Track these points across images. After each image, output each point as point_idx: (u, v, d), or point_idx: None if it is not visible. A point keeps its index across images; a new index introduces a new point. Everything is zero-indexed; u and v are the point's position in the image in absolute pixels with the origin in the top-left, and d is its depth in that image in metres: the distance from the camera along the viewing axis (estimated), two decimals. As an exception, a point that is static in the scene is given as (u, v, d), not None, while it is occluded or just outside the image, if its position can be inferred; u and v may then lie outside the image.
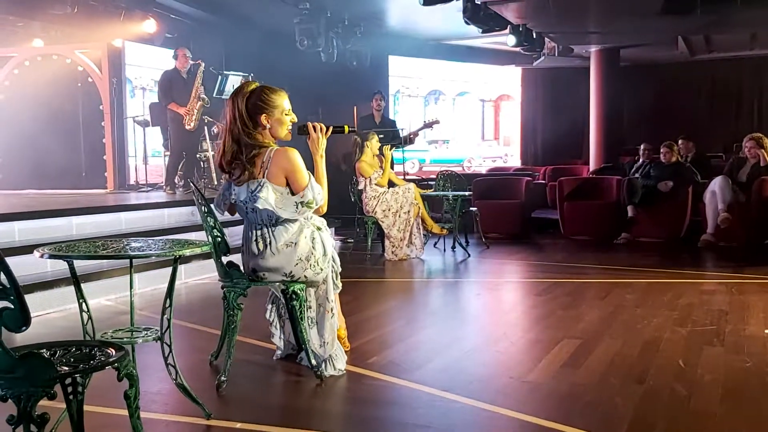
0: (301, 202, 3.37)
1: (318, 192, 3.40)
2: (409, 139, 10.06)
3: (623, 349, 4.07)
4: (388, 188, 7.79)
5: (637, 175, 9.58)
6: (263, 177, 3.34)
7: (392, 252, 7.66)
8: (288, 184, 3.37)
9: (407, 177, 9.91)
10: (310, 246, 3.46)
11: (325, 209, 3.53)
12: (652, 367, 3.70)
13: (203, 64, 8.85)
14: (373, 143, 7.79)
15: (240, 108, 3.37)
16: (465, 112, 14.29)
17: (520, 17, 9.84)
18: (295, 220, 3.45)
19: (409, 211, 7.62)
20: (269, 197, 3.33)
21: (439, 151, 15.39)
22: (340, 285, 3.74)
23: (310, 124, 3.51)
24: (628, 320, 4.77)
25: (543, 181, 11.53)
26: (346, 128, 3.63)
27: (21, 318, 1.87)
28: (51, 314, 4.94)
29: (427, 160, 15.13)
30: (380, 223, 7.71)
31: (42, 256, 2.83)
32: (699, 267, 7.40)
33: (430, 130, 11.40)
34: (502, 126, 15.35)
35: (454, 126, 12.03)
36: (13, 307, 1.87)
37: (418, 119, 10.08)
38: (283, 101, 3.45)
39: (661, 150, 9.17)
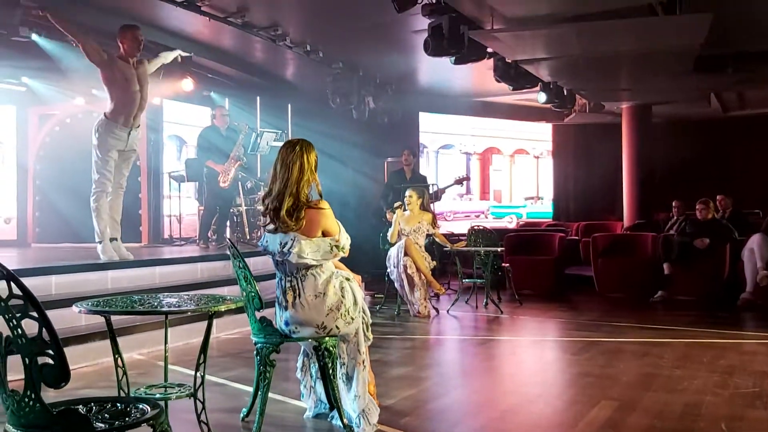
0: (336, 246, 3.46)
1: (347, 238, 3.53)
2: (437, 196, 10.08)
3: (664, 411, 3.95)
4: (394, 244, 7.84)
5: (672, 232, 9.45)
6: (295, 232, 3.39)
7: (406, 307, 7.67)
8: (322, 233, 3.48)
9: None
10: (339, 295, 3.47)
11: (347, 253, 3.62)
12: (695, 431, 3.57)
13: (247, 127, 9.02)
14: (398, 212, 7.89)
15: (310, 161, 3.49)
16: (448, 166, 14.33)
17: (550, 75, 9.93)
18: (324, 270, 3.47)
19: (406, 266, 7.57)
20: (303, 250, 3.39)
21: (536, 206, 15.65)
22: (371, 337, 3.72)
23: None
24: (668, 382, 4.64)
25: (576, 237, 11.43)
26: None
27: (61, 374, 1.88)
28: (84, 368, 4.95)
29: (523, 215, 15.40)
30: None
31: (80, 312, 2.85)
32: (739, 326, 7.21)
33: (460, 186, 11.44)
34: (492, 181, 15.35)
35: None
36: (53, 363, 1.88)
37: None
38: None
39: (697, 207, 9.06)
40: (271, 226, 3.48)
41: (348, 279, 3.59)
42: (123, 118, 6.38)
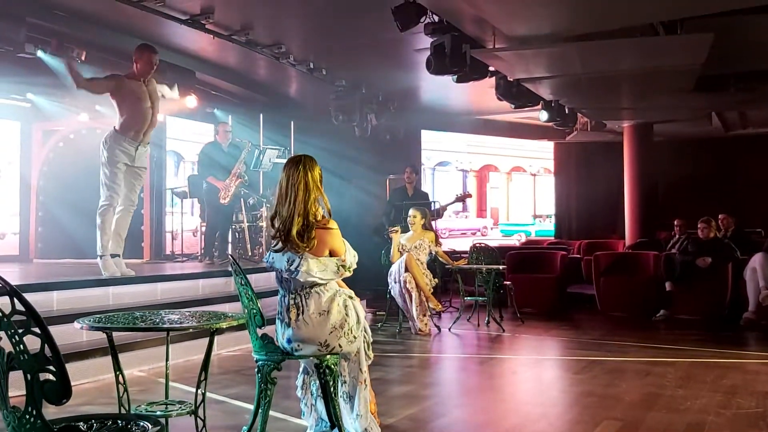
0: (342, 266, 3.45)
1: (353, 255, 3.51)
2: (438, 213, 10.08)
3: (666, 431, 3.93)
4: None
5: (674, 251, 9.44)
6: (304, 251, 3.38)
7: (408, 324, 7.64)
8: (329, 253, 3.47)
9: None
10: (343, 314, 3.45)
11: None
12: (698, 452, 3.55)
13: (250, 144, 9.05)
14: (396, 236, 7.89)
15: (315, 178, 3.46)
16: (445, 183, 14.33)
17: (552, 94, 9.97)
18: (328, 288, 3.46)
19: (406, 281, 7.56)
20: (311, 269, 3.38)
21: (544, 224, 15.73)
22: (371, 356, 3.70)
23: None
24: (671, 401, 4.62)
25: (578, 256, 11.41)
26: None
27: (62, 390, 1.88)
28: (85, 384, 4.93)
29: (532, 233, 15.44)
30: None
31: (82, 328, 2.85)
32: (741, 346, 7.18)
33: (461, 203, 11.47)
34: (489, 198, 15.34)
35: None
36: (54, 379, 1.88)
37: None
38: None
39: (699, 226, 9.05)
40: (279, 246, 3.46)
41: (351, 297, 3.58)
42: (132, 133, 6.31)
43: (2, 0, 6.65)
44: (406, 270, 7.56)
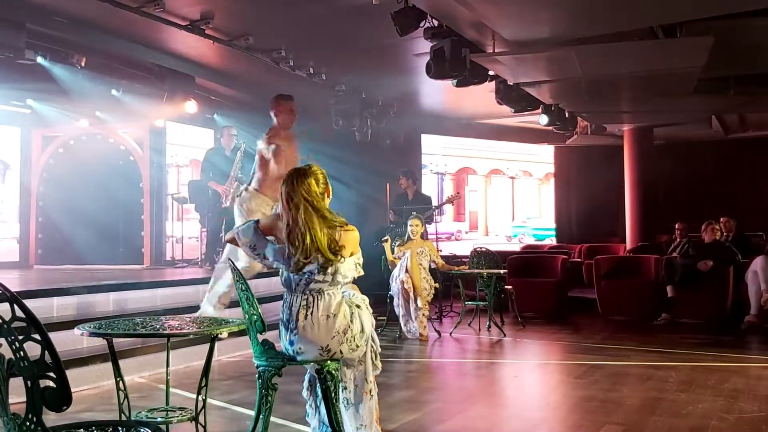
0: (358, 263, 3.48)
1: (359, 256, 3.52)
2: (431, 217, 10.11)
3: (669, 436, 3.92)
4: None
5: (675, 254, 9.43)
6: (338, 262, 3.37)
7: (404, 328, 7.60)
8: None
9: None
10: (348, 320, 3.44)
11: None
12: (701, 457, 3.54)
13: (244, 145, 9.06)
14: (387, 245, 7.93)
15: (313, 191, 3.39)
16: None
17: (552, 97, 9.96)
18: (337, 293, 3.44)
19: (404, 281, 7.53)
20: (349, 273, 3.42)
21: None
22: (379, 366, 3.67)
23: None
24: (673, 406, 4.61)
25: (579, 260, 11.40)
26: None
27: (62, 397, 1.87)
28: (85, 391, 4.92)
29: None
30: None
31: (82, 334, 2.85)
32: (744, 349, 7.17)
33: (451, 205, 11.54)
34: (468, 202, 15.05)
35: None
36: (55, 386, 1.87)
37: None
38: None
39: (703, 228, 9.04)
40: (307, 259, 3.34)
41: (359, 306, 3.56)
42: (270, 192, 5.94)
43: (2, 6, 6.66)
44: (407, 270, 7.56)
